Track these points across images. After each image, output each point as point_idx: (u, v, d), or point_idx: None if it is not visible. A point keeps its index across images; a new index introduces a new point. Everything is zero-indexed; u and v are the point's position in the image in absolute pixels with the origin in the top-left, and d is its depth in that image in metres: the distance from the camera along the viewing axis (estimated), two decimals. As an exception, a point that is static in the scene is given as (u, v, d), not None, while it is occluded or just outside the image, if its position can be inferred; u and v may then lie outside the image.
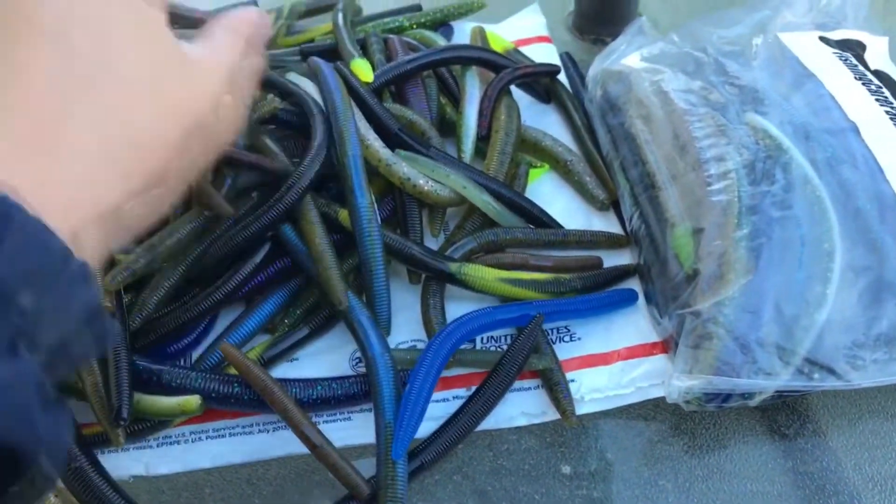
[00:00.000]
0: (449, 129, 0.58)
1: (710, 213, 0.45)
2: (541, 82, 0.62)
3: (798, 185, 0.45)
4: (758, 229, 0.44)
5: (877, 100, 0.49)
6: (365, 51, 0.60)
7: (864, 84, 0.50)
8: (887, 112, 0.48)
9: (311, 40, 0.64)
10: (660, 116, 0.51)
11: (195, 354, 0.48)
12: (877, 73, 0.52)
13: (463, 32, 0.67)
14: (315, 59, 0.54)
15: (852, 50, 0.53)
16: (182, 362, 0.48)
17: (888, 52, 0.55)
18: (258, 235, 0.47)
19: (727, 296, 0.42)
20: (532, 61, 0.63)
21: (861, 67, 0.51)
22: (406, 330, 0.49)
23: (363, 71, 0.55)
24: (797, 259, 0.43)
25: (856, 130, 0.47)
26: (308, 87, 0.53)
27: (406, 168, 0.50)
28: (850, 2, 0.57)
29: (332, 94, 0.51)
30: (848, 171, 0.45)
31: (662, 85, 0.52)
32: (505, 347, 0.47)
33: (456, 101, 0.58)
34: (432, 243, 0.52)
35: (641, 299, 0.50)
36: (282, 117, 0.53)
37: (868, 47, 0.54)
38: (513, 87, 0.59)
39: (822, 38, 0.54)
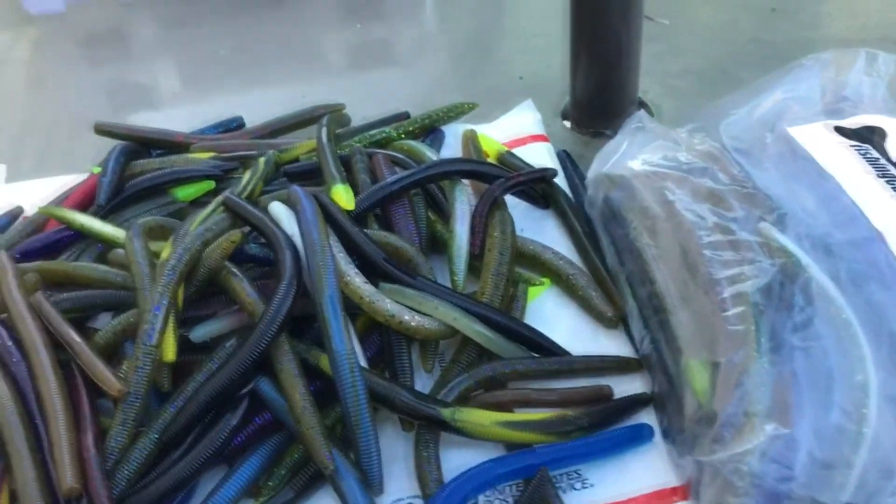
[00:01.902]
0: (439, 247, 0.54)
1: (726, 344, 0.40)
2: (536, 187, 0.58)
3: (821, 307, 0.40)
4: (780, 363, 0.39)
5: (903, 198, 0.44)
6: (348, 169, 0.57)
7: (888, 181, 0.45)
8: (916, 212, 0.44)
9: (296, 159, 0.61)
10: (666, 229, 0.47)
11: (174, 528, 0.44)
12: (901, 164, 0.47)
13: (455, 135, 0.64)
14: (295, 188, 0.51)
15: (871, 140, 0.49)
16: (160, 536, 0.44)
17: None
18: (229, 391, 0.44)
19: (751, 446, 0.37)
20: (527, 164, 0.59)
21: (883, 160, 0.47)
22: (400, 485, 0.45)
23: (343, 198, 0.52)
24: (827, 396, 0.38)
25: (882, 239, 0.42)
26: (288, 217, 0.50)
27: (390, 304, 0.47)
28: (867, 82, 0.53)
29: (309, 229, 0.48)
30: (876, 289, 0.40)
31: (667, 193, 0.48)
32: (510, 502, 0.43)
33: (445, 215, 0.55)
34: (426, 381, 0.48)
35: (658, 435, 0.45)
36: (254, 253, 0.50)
37: (889, 134, 0.49)
38: (509, 194, 0.56)
39: (837, 129, 0.50)
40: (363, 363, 0.45)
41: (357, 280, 0.47)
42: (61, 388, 0.44)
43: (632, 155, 0.53)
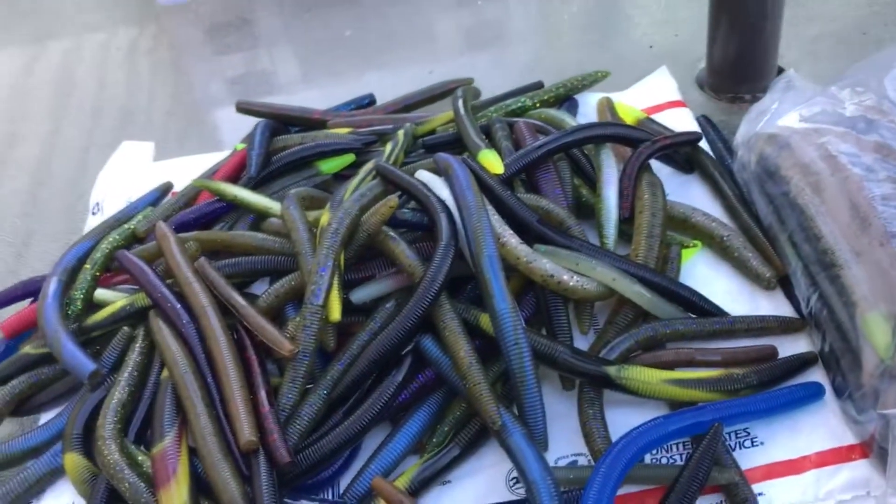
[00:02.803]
0: (587, 212, 0.54)
1: (910, 295, 0.39)
2: (681, 151, 0.57)
3: None
4: (974, 312, 0.37)
5: None
6: (490, 138, 0.57)
7: None
8: None
9: (433, 131, 0.62)
10: (831, 184, 0.45)
11: (343, 483, 0.45)
12: None
13: (588, 104, 0.64)
14: (442, 155, 0.52)
15: None
16: (330, 491, 0.45)
17: None
18: (393, 349, 0.45)
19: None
20: (668, 130, 0.58)
21: None
22: (563, 443, 0.45)
23: (492, 163, 0.52)
24: None
25: None
26: (437, 184, 0.51)
27: (548, 264, 0.46)
28: None
29: (464, 192, 0.48)
30: None
31: (829, 148, 0.46)
32: (678, 459, 0.42)
33: (591, 182, 0.55)
34: (582, 342, 0.48)
35: (829, 393, 0.44)
36: (407, 218, 0.51)
37: None
38: (651, 160, 0.55)
39: None
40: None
41: (513, 241, 0.47)
42: (232, 348, 0.46)
43: (785, 113, 0.52)
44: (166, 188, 0.62)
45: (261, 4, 0.85)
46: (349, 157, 0.60)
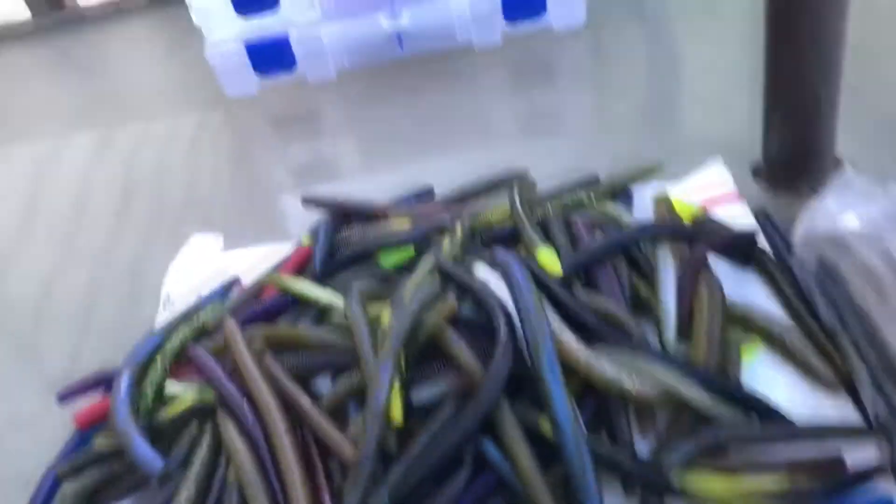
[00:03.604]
0: (645, 310, 0.54)
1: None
2: (738, 247, 0.57)
3: None
4: None
5: None
6: (546, 234, 0.58)
7: None
8: None
9: (490, 225, 0.63)
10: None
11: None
12: None
13: (644, 197, 0.64)
14: (500, 252, 0.53)
15: None
16: None
17: None
18: (454, 452, 0.45)
19: None
20: (725, 225, 0.59)
21: None
22: (626, 551, 0.44)
23: (551, 262, 0.53)
24: None
25: None
26: (495, 282, 0.52)
27: (608, 367, 0.47)
28: None
29: (522, 293, 0.49)
30: None
31: (893, 252, 0.46)
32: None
33: (647, 277, 0.55)
34: (644, 446, 0.48)
35: (901, 506, 0.43)
36: (466, 316, 0.52)
37: None
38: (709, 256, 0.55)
39: None
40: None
41: (573, 343, 0.48)
42: (296, 448, 0.47)
43: (843, 212, 0.52)
44: (234, 281, 0.64)
45: (325, 97, 0.88)
46: (409, 251, 0.62)
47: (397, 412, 0.46)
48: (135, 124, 0.96)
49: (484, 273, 0.53)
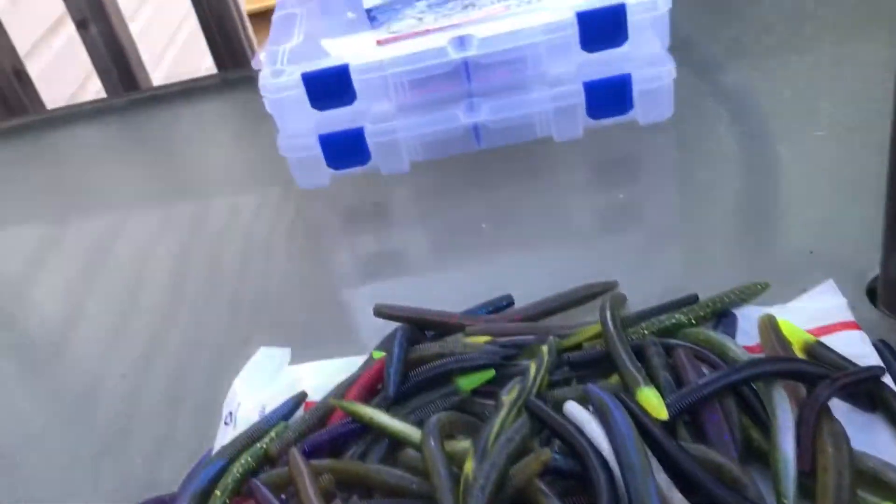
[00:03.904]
0: (756, 458, 0.48)
1: None
2: (861, 388, 0.51)
3: None
4: None
5: None
6: (642, 361, 0.53)
7: None
8: None
9: (578, 346, 0.58)
10: None
11: None
12: None
13: (748, 319, 0.59)
14: (597, 392, 0.48)
15: None
16: None
17: None
18: None
19: None
20: (843, 358, 0.53)
21: None
22: None
23: (654, 405, 0.47)
24: None
25: None
26: (591, 426, 0.47)
27: (725, 539, 0.41)
28: None
29: (626, 446, 0.44)
30: None
31: None
32: None
33: (761, 421, 0.49)
34: None
35: None
36: (559, 466, 0.46)
37: None
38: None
39: None
40: None
41: (683, 507, 0.42)
42: None
43: None
44: (300, 399, 0.60)
45: (398, 189, 0.85)
46: (489, 373, 0.57)
47: (483, 581, 0.41)
48: (200, 208, 0.94)
49: (576, 412, 0.48)
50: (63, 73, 1.78)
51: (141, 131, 1.15)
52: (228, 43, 1.21)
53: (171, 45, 2.32)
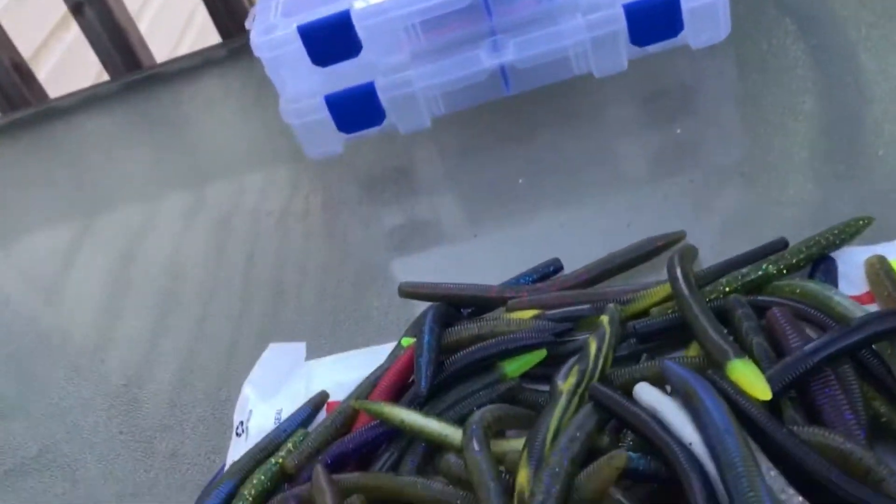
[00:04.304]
0: (888, 435, 0.38)
1: None
2: None
3: None
4: None
5: None
6: (725, 324, 0.43)
7: None
8: None
9: (645, 313, 0.48)
10: None
11: None
12: None
13: (851, 264, 0.48)
14: (677, 371, 0.38)
15: None
16: None
17: None
18: None
19: None
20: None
21: None
22: None
23: (751, 382, 0.37)
24: None
25: None
26: (673, 413, 0.37)
27: (867, 555, 0.31)
28: None
29: (723, 439, 0.34)
30: None
31: None
32: None
33: (885, 388, 0.39)
34: None
35: None
36: (636, 467, 0.37)
37: None
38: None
39: None
40: None
41: (804, 513, 0.32)
42: None
43: None
44: (320, 402, 0.51)
45: (420, 150, 0.75)
46: (540, 354, 0.48)
47: None
48: (209, 191, 0.86)
49: (652, 396, 0.38)
50: (72, 70, 1.71)
51: (145, 114, 1.06)
52: (230, 9, 1.12)
53: (175, 19, 2.23)
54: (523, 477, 0.36)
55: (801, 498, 0.33)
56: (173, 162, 0.93)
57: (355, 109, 0.72)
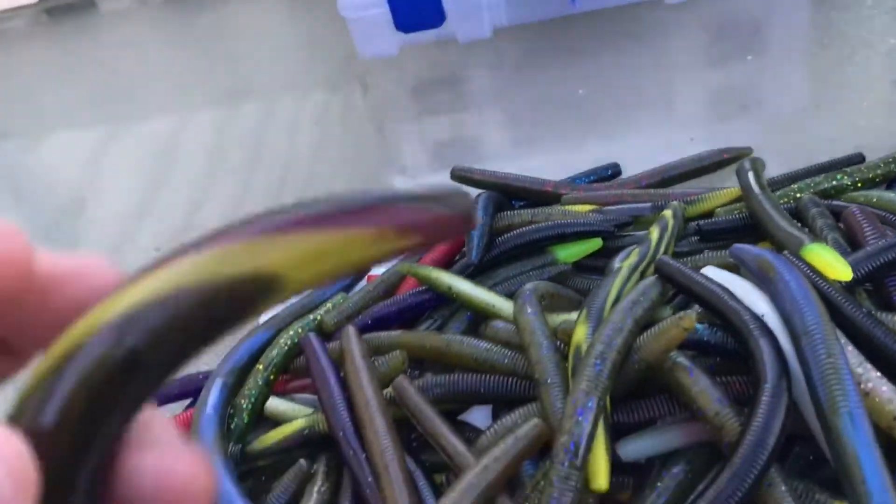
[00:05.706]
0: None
1: None
2: None
3: None
4: None
5: None
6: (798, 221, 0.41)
7: None
8: None
9: (710, 213, 0.46)
10: None
11: None
12: None
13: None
14: (750, 249, 0.36)
15: None
16: None
17: None
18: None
19: None
20: None
21: None
22: None
23: (829, 262, 0.35)
24: None
25: None
26: (744, 289, 0.35)
27: (947, 433, 0.29)
28: None
29: (801, 308, 0.32)
30: None
31: None
32: None
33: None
34: None
35: None
36: (702, 338, 0.35)
37: None
38: None
39: None
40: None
41: (885, 390, 0.30)
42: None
43: None
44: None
45: (477, 59, 0.73)
46: (595, 243, 0.46)
47: (602, 473, 0.31)
48: (257, 96, 0.84)
49: (723, 277, 0.37)
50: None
51: (191, 21, 1.05)
52: None
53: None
54: (581, 333, 0.34)
55: (878, 373, 0.31)
56: (220, 54, 0.91)
57: (416, 9, 0.70)
